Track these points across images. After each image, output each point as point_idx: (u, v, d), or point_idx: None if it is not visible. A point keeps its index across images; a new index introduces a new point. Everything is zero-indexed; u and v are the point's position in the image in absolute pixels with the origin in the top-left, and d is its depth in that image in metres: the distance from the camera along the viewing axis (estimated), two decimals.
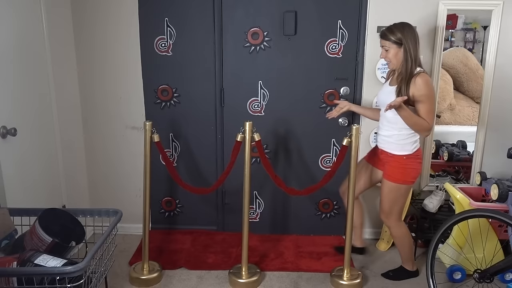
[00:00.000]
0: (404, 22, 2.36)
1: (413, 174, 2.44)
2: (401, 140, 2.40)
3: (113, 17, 2.90)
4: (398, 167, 2.42)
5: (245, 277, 2.59)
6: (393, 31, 2.32)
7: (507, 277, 2.64)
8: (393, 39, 2.31)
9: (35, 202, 2.39)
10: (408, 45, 2.29)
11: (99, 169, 3.17)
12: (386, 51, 2.36)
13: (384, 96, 2.44)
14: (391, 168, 2.44)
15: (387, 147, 2.46)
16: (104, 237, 1.80)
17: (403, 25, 2.32)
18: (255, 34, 2.92)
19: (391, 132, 2.42)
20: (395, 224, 2.56)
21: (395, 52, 2.33)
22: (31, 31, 2.45)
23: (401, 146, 2.40)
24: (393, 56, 2.35)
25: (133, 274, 2.62)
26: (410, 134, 2.39)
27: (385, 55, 2.37)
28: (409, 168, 2.42)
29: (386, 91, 2.43)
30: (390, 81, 2.48)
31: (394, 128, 2.40)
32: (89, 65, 2.99)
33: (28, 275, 1.58)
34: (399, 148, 2.41)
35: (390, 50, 2.34)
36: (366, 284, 2.66)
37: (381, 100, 2.47)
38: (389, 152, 2.45)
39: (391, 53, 2.34)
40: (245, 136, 2.46)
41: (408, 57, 2.29)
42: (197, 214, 3.26)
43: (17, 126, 2.22)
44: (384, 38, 2.35)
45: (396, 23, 2.36)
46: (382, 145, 2.51)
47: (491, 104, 2.94)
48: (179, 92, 3.03)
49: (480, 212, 2.26)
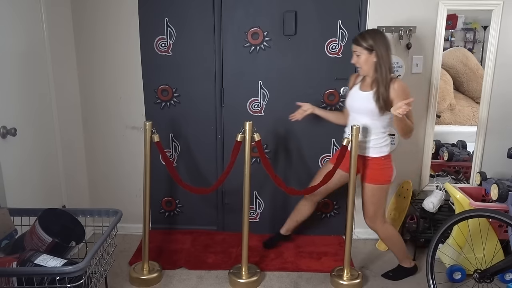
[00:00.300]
0: (376, 29, 2.46)
1: (391, 173, 2.52)
2: (378, 144, 2.46)
3: (113, 17, 2.90)
4: (378, 168, 2.48)
5: (245, 277, 2.59)
6: (365, 37, 2.37)
7: (507, 277, 2.64)
8: (364, 45, 2.36)
9: (35, 202, 2.39)
10: (379, 52, 2.34)
11: (99, 169, 3.17)
12: (357, 56, 2.40)
13: (359, 102, 2.46)
14: (372, 171, 2.49)
15: (365, 151, 2.50)
16: (104, 237, 1.80)
17: (375, 32, 2.39)
18: (255, 34, 2.92)
19: (368, 138, 2.47)
20: (381, 226, 2.59)
21: (366, 58, 2.37)
22: (31, 31, 2.45)
23: (378, 149, 2.47)
24: (364, 62, 2.39)
25: (133, 274, 2.62)
26: (385, 137, 2.48)
27: (356, 60, 2.42)
28: (387, 168, 2.50)
29: (361, 97, 2.45)
30: (361, 86, 2.49)
31: (371, 133, 2.46)
32: (89, 65, 2.99)
33: (28, 275, 1.58)
34: (376, 151, 2.47)
35: (361, 56, 2.38)
36: (366, 284, 2.66)
37: (356, 106, 2.49)
38: (367, 156, 2.50)
39: (362, 59, 2.38)
40: (245, 136, 2.46)
41: (382, 63, 2.34)
42: (197, 214, 3.26)
43: (17, 126, 2.22)
44: (355, 43, 2.40)
45: (368, 29, 2.48)
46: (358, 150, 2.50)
47: (491, 104, 2.94)
48: (179, 92, 3.03)
49: (480, 212, 2.26)
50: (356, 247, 3.06)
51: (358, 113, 2.48)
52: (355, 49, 2.40)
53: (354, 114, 2.51)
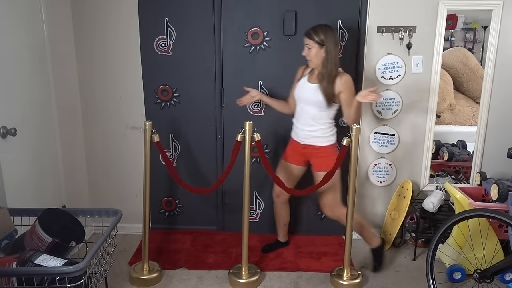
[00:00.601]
0: (327, 25, 2.52)
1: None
2: (326, 133, 2.59)
3: (113, 17, 2.90)
4: (329, 156, 2.59)
5: (245, 277, 2.59)
6: (317, 32, 2.46)
7: (507, 277, 2.64)
8: (316, 39, 2.45)
9: (35, 202, 2.39)
10: (329, 47, 2.45)
11: (99, 169, 3.17)
12: (308, 49, 2.49)
13: (307, 93, 2.55)
14: (323, 159, 2.58)
15: (314, 141, 2.60)
16: (104, 237, 1.80)
17: (327, 28, 2.48)
18: (255, 34, 2.92)
19: (316, 127, 2.57)
20: (342, 212, 2.63)
21: (316, 52, 2.47)
22: (31, 30, 2.45)
23: (327, 137, 2.60)
24: (314, 55, 2.49)
25: (133, 274, 2.62)
26: (331, 127, 2.62)
27: (307, 53, 2.51)
28: (335, 154, 2.59)
29: (309, 88, 2.55)
30: (309, 78, 2.59)
31: (319, 123, 2.57)
32: (89, 65, 2.99)
33: (28, 275, 1.58)
34: (325, 140, 2.60)
35: (312, 49, 2.48)
36: (366, 284, 2.66)
37: (304, 97, 2.57)
38: (316, 145, 2.60)
39: (313, 52, 2.48)
40: (245, 136, 2.46)
41: (329, 58, 2.46)
42: (197, 214, 3.26)
43: (17, 126, 2.22)
44: (308, 37, 2.48)
45: (321, 24, 2.52)
46: (307, 139, 2.62)
47: (491, 104, 2.94)
48: (179, 92, 3.03)
49: (480, 212, 2.26)
50: (356, 247, 3.05)
51: (306, 104, 2.57)
52: (307, 42, 2.49)
53: (302, 104, 2.60)
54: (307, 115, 2.58)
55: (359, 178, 3.10)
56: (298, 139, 2.67)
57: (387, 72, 2.91)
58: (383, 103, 2.97)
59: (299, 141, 2.67)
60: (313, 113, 2.55)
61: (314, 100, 2.52)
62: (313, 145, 2.61)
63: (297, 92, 2.62)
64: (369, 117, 3.01)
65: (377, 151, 3.07)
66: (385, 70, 2.90)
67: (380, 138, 3.04)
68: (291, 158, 2.75)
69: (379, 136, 3.03)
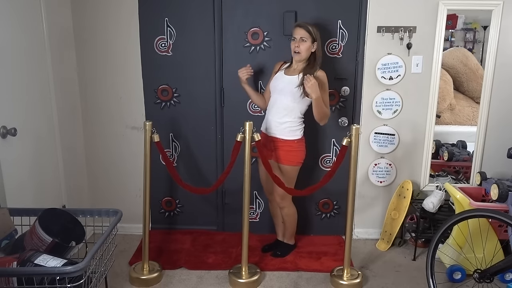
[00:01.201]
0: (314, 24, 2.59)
1: (303, 156, 2.71)
2: (293, 127, 2.61)
3: (113, 17, 2.90)
4: (292, 150, 2.64)
5: (245, 277, 2.59)
6: (312, 26, 2.54)
7: (507, 277, 2.64)
8: (312, 32, 2.52)
9: (35, 202, 2.39)
10: (319, 44, 2.57)
11: (99, 169, 3.17)
12: (303, 41, 2.52)
13: (283, 83, 2.60)
14: (286, 153, 2.62)
15: (279, 133, 2.63)
16: (104, 237, 1.79)
17: (316, 26, 2.57)
18: (255, 34, 2.92)
19: (286, 119, 2.61)
20: (289, 204, 2.78)
21: (309, 45, 2.53)
22: (31, 31, 2.45)
23: (293, 132, 2.63)
24: (306, 49, 2.53)
25: (133, 274, 2.62)
26: (300, 122, 2.65)
27: (298, 44, 2.52)
28: (300, 150, 2.68)
29: (286, 80, 2.59)
30: (285, 72, 2.64)
31: (289, 115, 2.60)
32: (89, 65, 2.99)
33: (28, 275, 1.58)
34: (291, 134, 2.63)
35: (307, 42, 2.52)
36: (366, 284, 2.66)
37: (280, 87, 2.61)
38: (281, 138, 2.64)
39: (307, 45, 2.53)
40: (245, 136, 2.46)
41: (318, 55, 2.57)
42: (197, 214, 3.26)
43: (17, 126, 2.22)
44: (304, 28, 2.52)
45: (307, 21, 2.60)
46: (273, 131, 2.65)
47: (491, 104, 2.95)
48: (179, 92, 3.03)
49: (480, 212, 2.26)
50: (356, 247, 3.06)
51: (281, 94, 2.61)
52: (303, 34, 2.52)
53: (277, 95, 2.64)
54: (280, 105, 2.61)
55: (359, 178, 3.11)
56: (266, 130, 2.71)
57: (387, 72, 2.91)
58: (383, 103, 2.97)
59: (266, 133, 2.70)
60: (286, 103, 2.59)
61: (289, 90, 2.56)
62: (278, 138, 2.64)
63: (273, 83, 2.68)
64: (369, 117, 3.01)
65: (377, 151, 3.07)
66: (385, 70, 2.90)
67: (380, 138, 3.04)
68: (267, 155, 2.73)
69: (379, 136, 3.03)
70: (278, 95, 2.63)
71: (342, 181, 2.78)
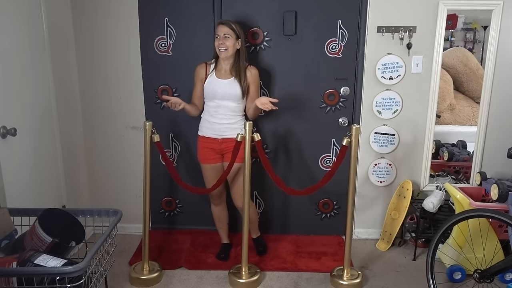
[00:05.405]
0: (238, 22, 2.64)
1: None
2: (241, 126, 2.60)
3: (113, 17, 2.90)
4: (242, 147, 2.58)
5: (245, 277, 2.59)
6: (234, 23, 2.58)
7: (507, 277, 2.64)
8: (235, 29, 2.56)
9: (35, 202, 2.39)
10: (243, 40, 2.61)
11: (99, 169, 3.17)
12: (226, 38, 2.54)
13: (223, 88, 2.61)
14: (238, 151, 2.57)
15: (232, 133, 2.63)
16: (104, 237, 1.79)
17: (239, 23, 2.62)
18: (255, 34, 2.92)
19: (235, 120, 2.67)
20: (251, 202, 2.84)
21: (233, 42, 2.56)
22: (31, 30, 2.45)
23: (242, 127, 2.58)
24: (231, 45, 2.56)
25: (133, 274, 2.62)
26: (244, 117, 2.73)
27: (223, 41, 2.55)
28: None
29: (223, 84, 2.62)
30: (217, 75, 2.65)
31: (236, 116, 2.67)
32: (89, 65, 2.99)
33: (28, 275, 1.58)
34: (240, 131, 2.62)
35: (230, 39, 2.55)
36: (366, 284, 2.66)
37: (221, 93, 2.61)
38: (232, 138, 2.62)
39: (231, 42, 2.55)
40: (245, 136, 2.46)
41: (243, 51, 2.61)
42: (197, 214, 3.26)
43: (17, 126, 2.22)
44: (227, 26, 2.55)
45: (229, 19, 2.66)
46: (225, 133, 2.66)
47: (491, 104, 2.94)
48: (179, 92, 3.03)
49: (480, 212, 2.26)
50: (356, 247, 3.06)
51: (223, 99, 2.62)
52: (226, 31, 2.54)
53: (218, 101, 2.64)
54: (225, 109, 2.63)
55: (359, 178, 3.10)
56: (214, 135, 2.68)
57: (387, 72, 2.91)
58: (383, 103, 2.97)
59: (215, 136, 2.68)
60: (232, 106, 2.63)
61: (231, 94, 2.60)
62: (231, 138, 2.63)
63: (210, 89, 2.64)
64: (369, 117, 3.01)
65: (377, 151, 3.07)
66: (385, 70, 2.90)
67: (380, 138, 3.04)
68: (210, 159, 2.74)
69: (379, 136, 3.03)
70: (220, 100, 2.63)
71: (342, 181, 2.78)
